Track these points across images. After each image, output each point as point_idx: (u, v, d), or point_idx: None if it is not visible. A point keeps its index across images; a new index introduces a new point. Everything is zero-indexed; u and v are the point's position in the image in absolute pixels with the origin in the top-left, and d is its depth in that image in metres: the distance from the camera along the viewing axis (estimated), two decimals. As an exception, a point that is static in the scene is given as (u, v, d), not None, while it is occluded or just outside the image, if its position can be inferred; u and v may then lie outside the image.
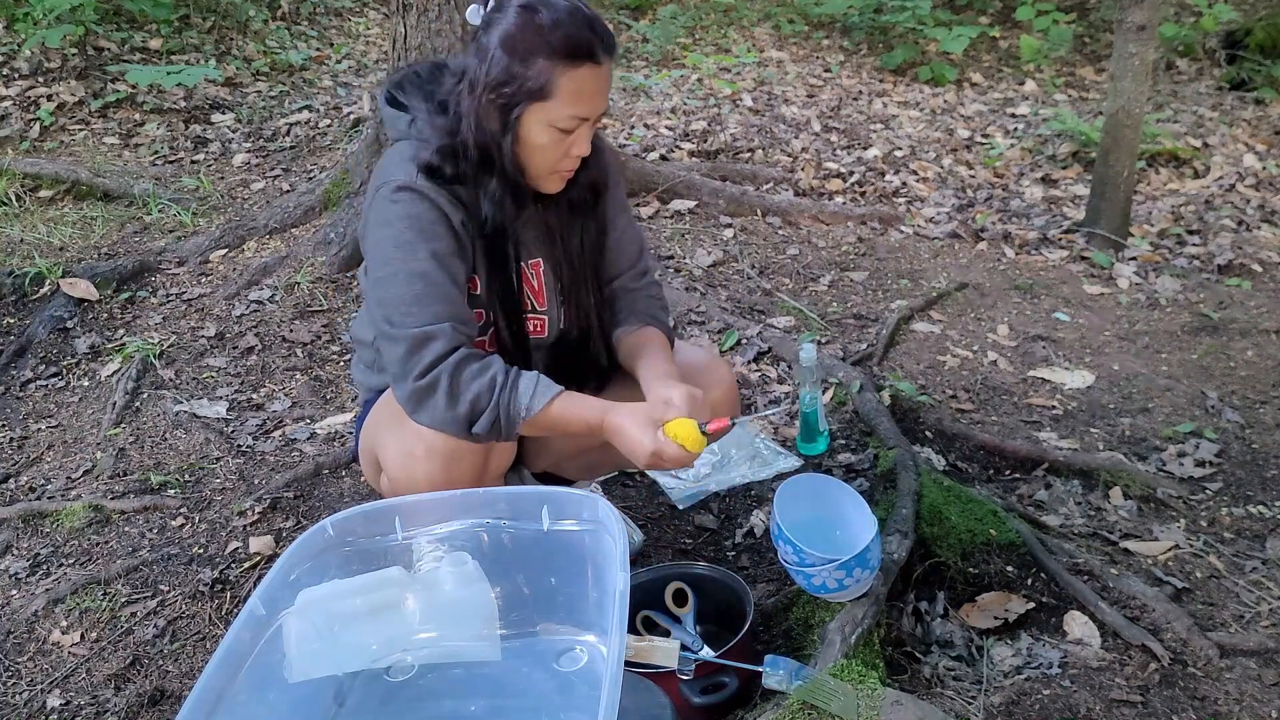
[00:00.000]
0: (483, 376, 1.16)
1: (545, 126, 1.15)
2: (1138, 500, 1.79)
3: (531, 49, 1.11)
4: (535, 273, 1.32)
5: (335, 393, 2.15)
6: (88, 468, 1.90)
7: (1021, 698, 1.31)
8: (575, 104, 1.14)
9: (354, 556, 1.15)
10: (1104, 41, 5.02)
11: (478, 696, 1.16)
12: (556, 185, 1.24)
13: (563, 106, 1.13)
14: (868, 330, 2.43)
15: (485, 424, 1.16)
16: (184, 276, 2.55)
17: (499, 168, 1.18)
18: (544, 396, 1.17)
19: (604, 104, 1.18)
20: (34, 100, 3.47)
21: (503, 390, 1.16)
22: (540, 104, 1.13)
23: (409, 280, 1.17)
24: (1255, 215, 3.35)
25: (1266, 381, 2.27)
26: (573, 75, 1.12)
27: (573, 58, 1.11)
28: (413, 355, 1.16)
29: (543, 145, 1.17)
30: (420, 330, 1.16)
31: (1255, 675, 1.36)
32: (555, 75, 1.12)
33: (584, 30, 1.12)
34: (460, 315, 1.19)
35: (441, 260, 1.18)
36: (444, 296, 1.18)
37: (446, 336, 1.16)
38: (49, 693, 1.41)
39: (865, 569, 1.30)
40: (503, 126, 1.16)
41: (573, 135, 1.17)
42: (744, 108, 4.00)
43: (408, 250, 1.17)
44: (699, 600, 1.43)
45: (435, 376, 1.15)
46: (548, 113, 1.14)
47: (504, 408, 1.16)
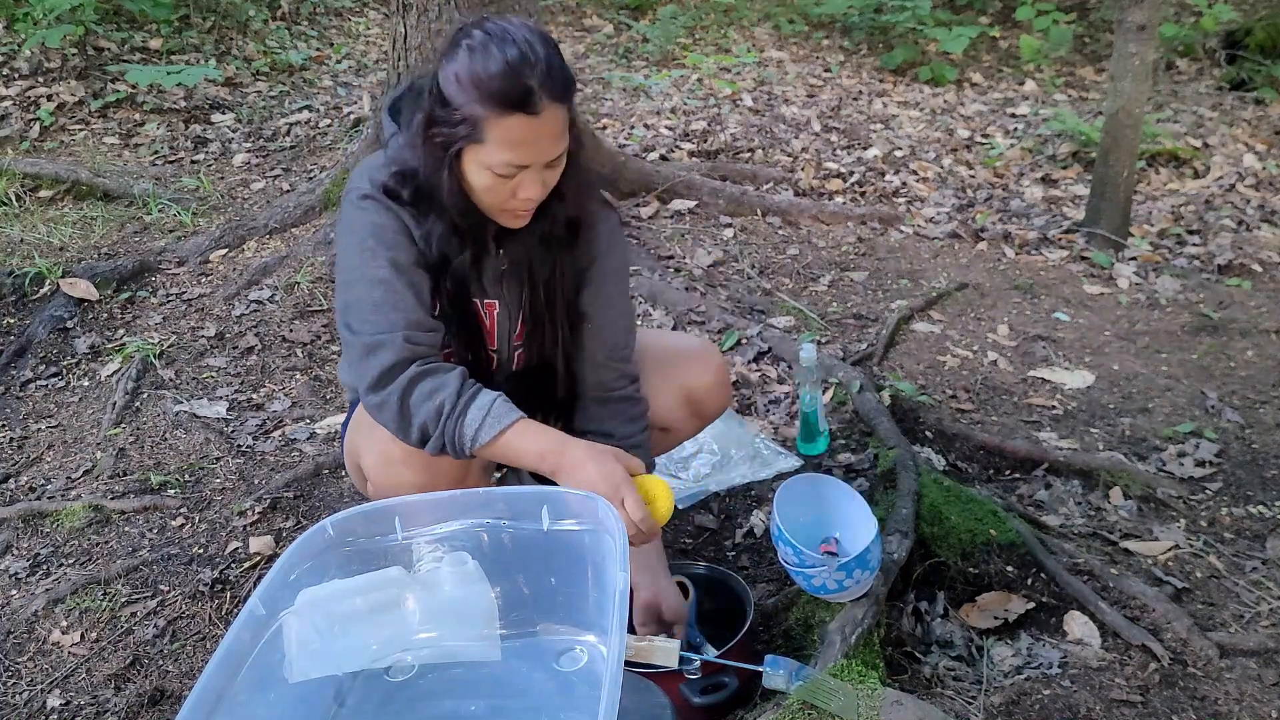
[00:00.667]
0: (431, 401, 1.13)
1: (480, 169, 1.12)
2: (1138, 500, 1.79)
3: (466, 91, 1.08)
4: (489, 313, 1.28)
5: (335, 392, 2.15)
6: (88, 468, 1.90)
7: (1021, 698, 1.31)
8: (508, 152, 1.10)
9: (354, 556, 1.15)
10: (1104, 41, 5.02)
11: (478, 696, 1.15)
12: (515, 221, 1.20)
13: (495, 153, 1.10)
14: (868, 330, 2.43)
15: (435, 448, 1.15)
16: (184, 276, 2.55)
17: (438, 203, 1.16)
18: (492, 429, 1.13)
19: (550, 150, 1.13)
20: (34, 100, 3.47)
21: (449, 419, 1.13)
22: (475, 146, 1.11)
23: (369, 287, 1.16)
24: (1255, 215, 3.35)
25: (1266, 381, 2.27)
26: (503, 124, 1.08)
27: (503, 107, 1.08)
28: (363, 362, 1.15)
29: (486, 186, 1.14)
30: (372, 339, 1.15)
31: (1255, 675, 1.36)
32: (485, 122, 1.09)
33: (522, 79, 1.07)
34: (416, 325, 1.16)
35: (401, 269, 1.17)
36: (400, 305, 1.16)
37: (395, 348, 1.14)
38: (49, 693, 1.41)
39: (865, 570, 1.30)
40: (440, 163, 1.13)
41: (515, 180, 1.13)
42: (744, 108, 4.00)
43: (369, 257, 1.16)
44: (699, 600, 1.43)
45: (385, 398, 1.14)
46: (481, 157, 1.11)
47: (449, 437, 1.14)
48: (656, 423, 1.42)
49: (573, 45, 4.77)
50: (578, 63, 4.51)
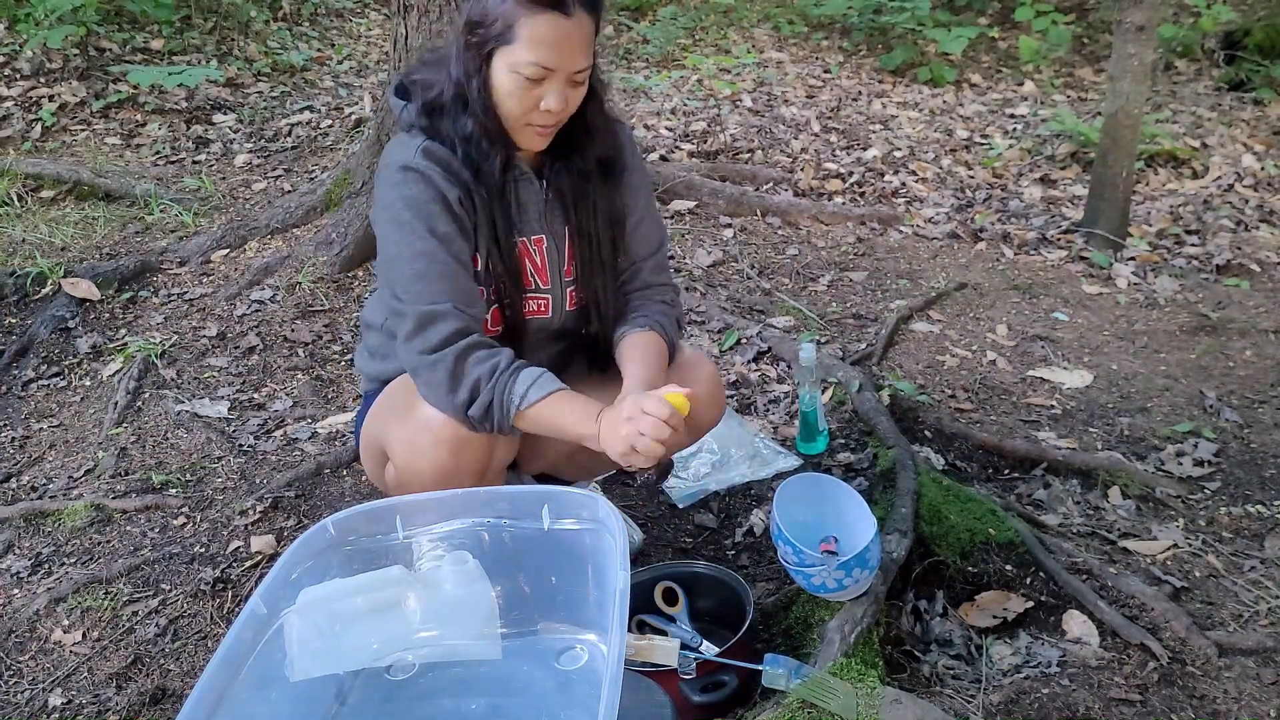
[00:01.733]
0: (484, 364, 1.18)
1: (509, 72, 1.16)
2: (1136, 499, 1.80)
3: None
4: (537, 249, 1.30)
5: (336, 392, 2.16)
6: (89, 467, 1.91)
7: (1020, 696, 1.32)
8: (535, 51, 1.13)
9: (355, 555, 1.15)
10: (1103, 42, 5.02)
11: (478, 695, 1.16)
12: (533, 140, 1.22)
13: (523, 52, 1.14)
14: (867, 330, 2.43)
15: (480, 409, 1.17)
16: (185, 276, 2.56)
17: (471, 108, 1.19)
18: (540, 390, 1.17)
19: (577, 59, 1.16)
20: (36, 101, 3.48)
21: (501, 375, 1.17)
22: (506, 48, 1.15)
23: (413, 259, 1.19)
24: (1253, 215, 3.35)
25: (1265, 381, 2.28)
26: (534, 21, 1.13)
27: (536, 6, 1.12)
28: (419, 332, 1.18)
29: (510, 91, 1.17)
30: (427, 308, 1.18)
31: (1254, 674, 1.36)
32: (518, 19, 1.13)
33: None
34: (465, 294, 1.21)
35: (442, 238, 1.20)
36: (446, 274, 1.19)
37: (453, 316, 1.18)
38: (51, 691, 1.41)
39: (865, 569, 1.30)
40: (475, 67, 1.17)
41: (541, 86, 1.16)
42: (744, 108, 4.00)
43: (408, 230, 1.19)
44: (699, 599, 1.43)
45: (441, 357, 1.17)
46: (510, 57, 1.15)
47: (499, 394, 1.17)
48: None
49: None
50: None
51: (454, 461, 1.21)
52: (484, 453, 1.23)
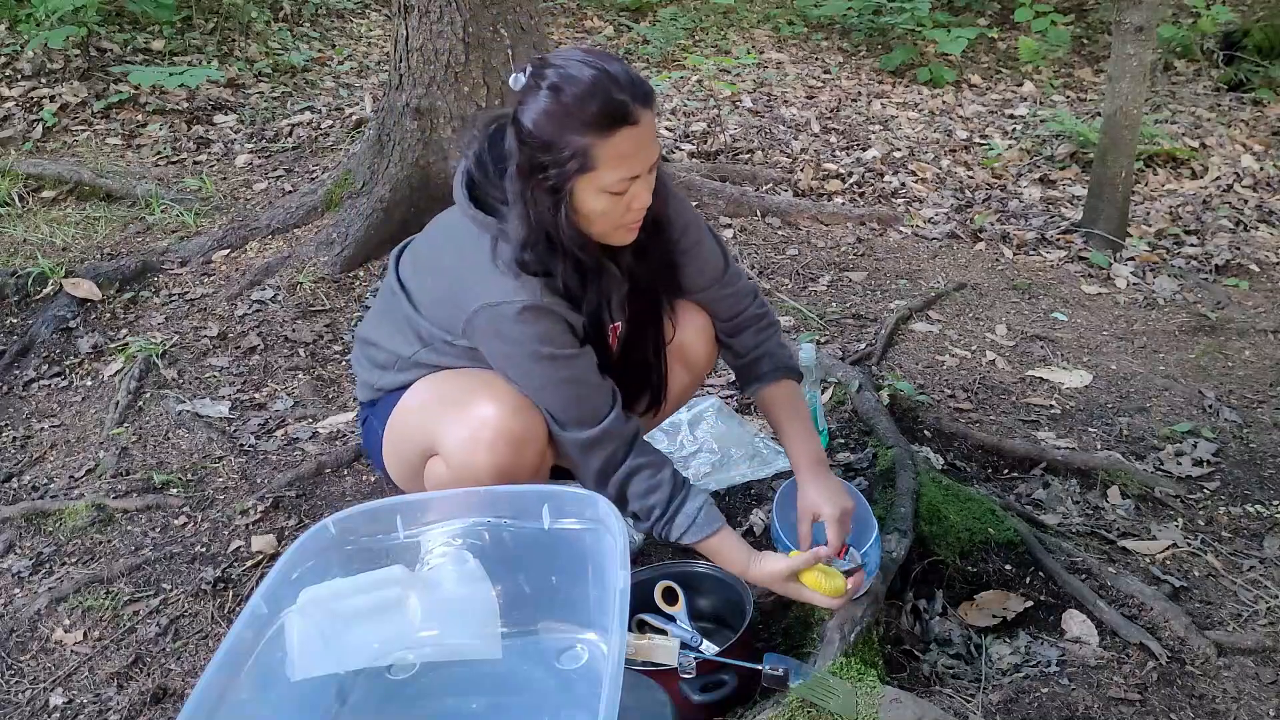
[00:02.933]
0: (649, 498, 1.28)
1: (597, 194, 1.15)
2: (1135, 499, 1.80)
3: (564, 128, 1.11)
4: (613, 334, 1.35)
5: (337, 392, 2.16)
6: (90, 467, 1.91)
7: (1020, 696, 1.32)
8: (621, 167, 1.14)
9: (356, 555, 1.15)
10: (1102, 43, 5.03)
11: (479, 694, 1.16)
12: (629, 236, 1.24)
13: (610, 173, 1.13)
14: (866, 330, 2.44)
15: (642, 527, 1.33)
16: (186, 276, 2.56)
17: (560, 246, 1.19)
18: (698, 534, 1.29)
19: (653, 154, 1.17)
20: (37, 101, 3.48)
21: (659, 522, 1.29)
22: (587, 176, 1.14)
23: (559, 386, 1.24)
24: (1253, 216, 3.35)
25: (1264, 381, 2.28)
26: (611, 143, 1.12)
27: (606, 128, 1.11)
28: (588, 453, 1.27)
29: (603, 210, 1.17)
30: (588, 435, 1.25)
31: (1253, 674, 1.37)
32: (594, 148, 1.11)
33: (613, 96, 1.10)
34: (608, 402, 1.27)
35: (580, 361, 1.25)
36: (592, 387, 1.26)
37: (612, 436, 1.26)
38: (52, 691, 1.42)
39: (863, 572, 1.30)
40: (554, 204, 1.16)
41: (630, 193, 1.17)
42: (744, 109, 4.01)
43: (549, 364, 1.23)
44: (699, 599, 1.43)
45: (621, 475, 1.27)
46: (597, 182, 1.14)
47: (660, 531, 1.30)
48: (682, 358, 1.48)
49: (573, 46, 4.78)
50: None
51: (516, 458, 1.23)
52: (544, 450, 1.27)
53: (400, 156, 2.56)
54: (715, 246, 1.42)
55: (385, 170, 2.57)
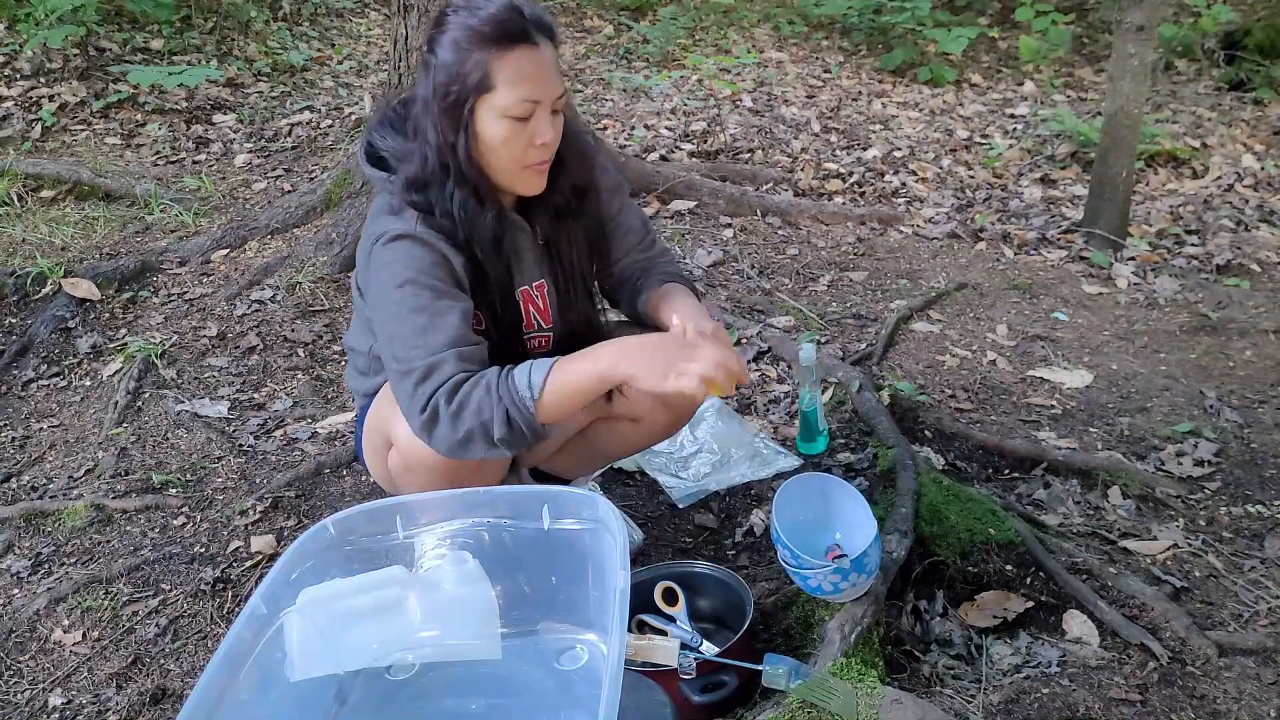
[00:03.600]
0: (478, 387, 1.14)
1: (497, 118, 1.16)
2: (1136, 499, 1.80)
3: (466, 45, 1.14)
4: (540, 293, 1.33)
5: (336, 392, 2.16)
6: (89, 467, 1.91)
7: (1020, 696, 1.32)
8: (519, 87, 1.14)
9: (355, 555, 1.15)
10: (1103, 42, 5.02)
11: (478, 695, 1.16)
12: (535, 183, 1.23)
13: (508, 92, 1.14)
14: (867, 330, 2.43)
15: (502, 427, 1.13)
16: (186, 276, 2.56)
17: (456, 172, 1.18)
18: (540, 370, 1.14)
19: (554, 86, 1.17)
20: (36, 100, 3.48)
21: (500, 385, 1.13)
22: (486, 96, 1.15)
23: (412, 314, 1.16)
24: (1254, 215, 3.35)
25: (1265, 381, 2.28)
26: (508, 59, 1.13)
27: (505, 42, 1.13)
28: (418, 386, 1.15)
29: (503, 138, 1.17)
30: (425, 361, 1.15)
31: (1254, 674, 1.36)
32: (492, 64, 1.13)
33: (511, 14, 1.14)
34: (462, 341, 1.17)
35: (444, 295, 1.18)
36: (443, 326, 1.16)
37: (450, 363, 1.15)
38: (51, 691, 1.41)
39: (862, 573, 1.30)
40: (456, 127, 1.16)
41: (530, 123, 1.17)
42: (744, 108, 4.00)
43: (410, 289, 1.17)
44: (699, 599, 1.43)
45: (434, 404, 1.13)
46: (495, 103, 1.15)
47: (510, 401, 1.13)
48: (626, 412, 1.43)
49: (573, 46, 4.78)
50: (578, 63, 4.51)
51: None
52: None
53: (400, 156, 2.56)
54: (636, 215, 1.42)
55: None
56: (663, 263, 1.43)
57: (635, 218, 1.42)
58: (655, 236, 1.45)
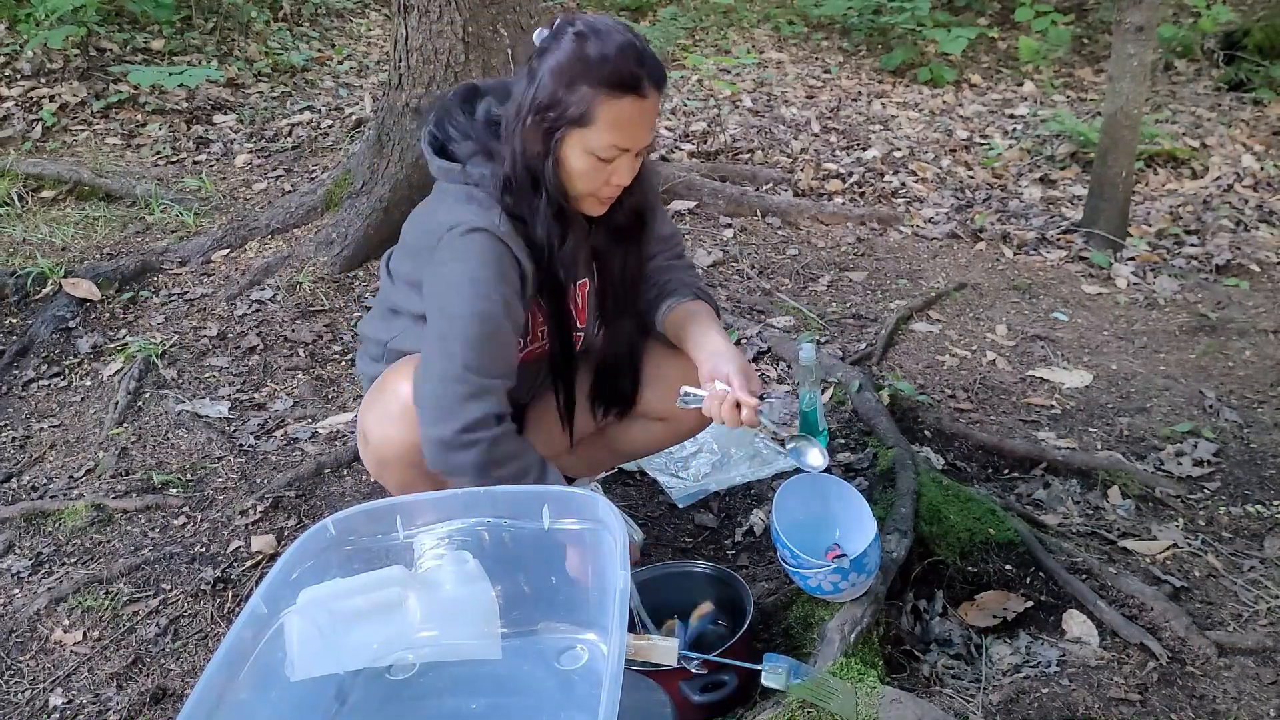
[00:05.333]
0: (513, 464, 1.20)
1: (583, 153, 1.17)
2: (1136, 499, 1.80)
3: (576, 76, 1.13)
4: (581, 293, 1.34)
5: (337, 392, 2.16)
6: (90, 467, 1.91)
7: (1020, 696, 1.32)
8: (613, 134, 1.15)
9: (355, 555, 1.15)
10: (1102, 42, 5.03)
11: (479, 695, 1.16)
12: (597, 209, 1.25)
13: (601, 135, 1.15)
14: (867, 330, 2.44)
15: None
16: (186, 276, 2.56)
17: (544, 188, 1.20)
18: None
19: (646, 137, 1.19)
20: (36, 101, 3.48)
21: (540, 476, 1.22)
22: (580, 130, 1.15)
23: (479, 320, 1.18)
24: (1253, 215, 3.35)
25: (1264, 381, 2.28)
26: (613, 105, 1.14)
27: (615, 88, 1.13)
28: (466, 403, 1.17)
29: (582, 171, 1.18)
30: (484, 381, 1.18)
31: (1253, 674, 1.37)
32: (596, 104, 1.13)
33: (631, 63, 1.14)
34: (512, 374, 1.22)
35: (508, 308, 1.20)
36: (505, 344, 1.21)
37: (496, 398, 1.19)
38: (51, 691, 1.42)
39: (861, 573, 1.30)
40: (544, 150, 1.17)
41: (613, 164, 1.18)
42: (744, 109, 4.00)
43: (482, 288, 1.18)
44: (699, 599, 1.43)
45: (473, 442, 1.17)
46: (586, 140, 1.15)
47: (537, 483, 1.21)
48: (653, 414, 1.44)
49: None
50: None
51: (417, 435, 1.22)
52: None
53: (400, 156, 2.56)
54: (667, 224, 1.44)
55: (385, 170, 2.57)
56: (688, 275, 1.44)
57: (666, 226, 1.44)
58: (683, 249, 1.47)
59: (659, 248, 1.42)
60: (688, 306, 1.37)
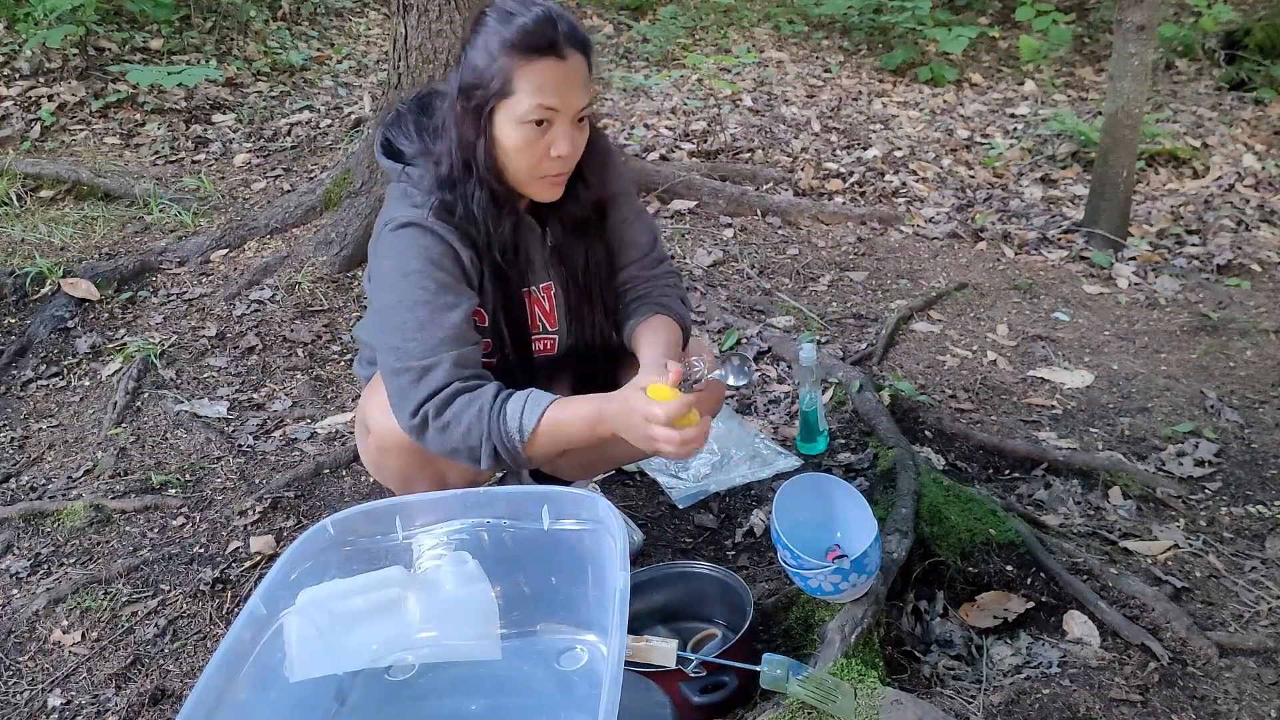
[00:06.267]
0: (470, 408, 1.15)
1: (515, 125, 1.16)
2: (1137, 500, 1.80)
3: (495, 50, 1.14)
4: (546, 295, 1.33)
5: (336, 392, 2.15)
6: (89, 467, 1.91)
7: (1021, 697, 1.31)
8: (537, 95, 1.14)
9: (355, 556, 1.15)
10: (1103, 42, 5.02)
11: (478, 695, 1.16)
12: (549, 191, 1.23)
13: (525, 99, 1.14)
14: (867, 330, 2.43)
15: (488, 456, 1.16)
16: (185, 276, 2.55)
17: (477, 174, 1.19)
18: (534, 412, 1.15)
19: (576, 98, 1.17)
20: (35, 100, 3.48)
21: (491, 417, 1.15)
22: (505, 101, 1.15)
23: (413, 307, 1.17)
24: (1254, 215, 3.35)
25: (1265, 381, 2.27)
26: (531, 69, 1.13)
27: (531, 51, 1.13)
28: (412, 387, 1.16)
29: (518, 145, 1.17)
30: (421, 362, 1.16)
31: (1254, 674, 1.36)
32: (515, 71, 1.13)
33: (545, 28, 1.13)
34: (462, 342, 1.18)
35: (447, 289, 1.18)
36: (446, 324, 1.17)
37: (445, 368, 1.16)
38: (50, 692, 1.41)
39: (862, 574, 1.30)
40: (476, 130, 1.17)
41: (548, 133, 1.17)
42: (744, 108, 4.00)
43: (415, 279, 1.17)
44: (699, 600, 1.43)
45: (424, 412, 1.15)
46: (514, 109, 1.15)
47: (497, 435, 1.14)
48: None
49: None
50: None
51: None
52: None
53: (399, 156, 2.55)
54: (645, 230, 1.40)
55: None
56: (662, 286, 1.40)
57: (644, 233, 1.40)
58: (663, 255, 1.43)
59: (635, 254, 1.39)
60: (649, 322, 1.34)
